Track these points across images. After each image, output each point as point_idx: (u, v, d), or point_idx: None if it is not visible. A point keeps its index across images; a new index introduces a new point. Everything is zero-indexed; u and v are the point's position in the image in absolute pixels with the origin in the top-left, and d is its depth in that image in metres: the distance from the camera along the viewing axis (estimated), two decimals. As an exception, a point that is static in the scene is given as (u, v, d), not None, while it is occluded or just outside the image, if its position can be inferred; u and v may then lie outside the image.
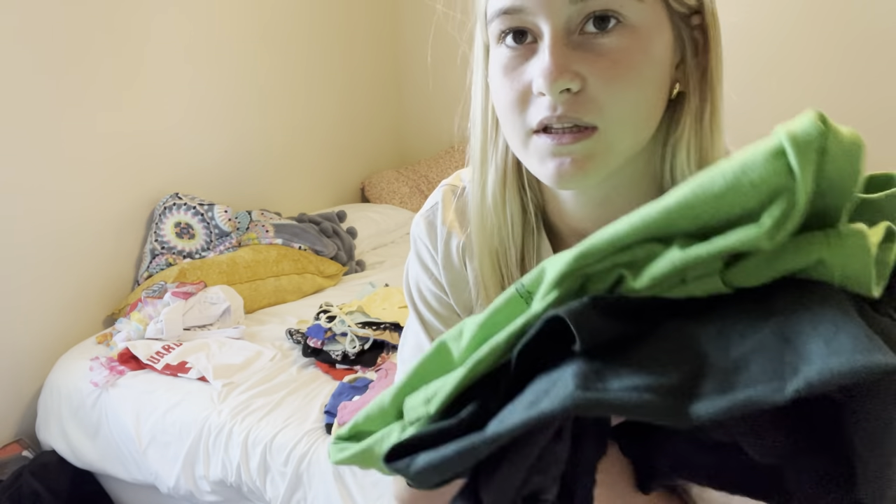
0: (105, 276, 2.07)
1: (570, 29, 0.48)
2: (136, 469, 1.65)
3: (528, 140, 0.51)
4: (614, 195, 0.57)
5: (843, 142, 0.30)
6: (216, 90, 2.41)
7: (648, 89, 0.50)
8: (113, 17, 2.00)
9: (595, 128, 0.49)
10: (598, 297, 0.34)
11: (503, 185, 0.60)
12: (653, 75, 0.50)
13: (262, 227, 2.36)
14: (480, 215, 0.62)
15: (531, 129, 0.50)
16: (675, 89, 0.54)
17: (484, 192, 0.61)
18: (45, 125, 1.85)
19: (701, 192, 0.31)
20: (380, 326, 1.80)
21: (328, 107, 3.03)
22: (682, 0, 0.51)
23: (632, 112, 0.49)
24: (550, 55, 0.47)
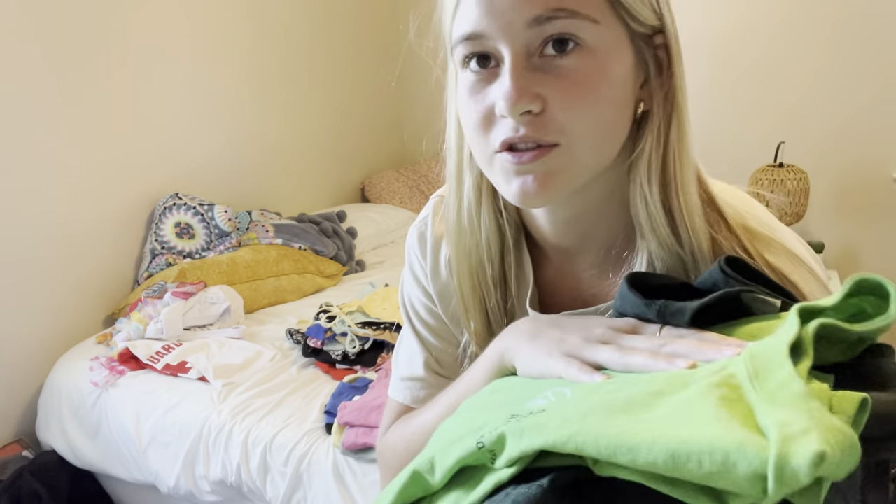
0: (105, 276, 2.07)
1: (530, 52, 0.49)
2: (136, 469, 1.65)
3: (493, 159, 0.52)
4: (583, 213, 0.58)
5: (837, 466, 0.30)
6: (216, 90, 2.41)
7: (608, 109, 0.51)
8: (113, 17, 2.00)
9: (557, 144, 0.50)
10: (556, 479, 0.37)
11: (478, 206, 0.62)
12: (612, 95, 0.51)
13: (262, 227, 2.36)
14: (457, 234, 0.63)
15: (495, 149, 0.51)
16: (640, 108, 0.55)
17: (460, 212, 0.62)
18: (45, 125, 1.85)
19: (675, 461, 0.32)
20: (380, 326, 1.80)
21: (328, 107, 3.03)
22: (642, 21, 0.51)
23: (592, 130, 0.50)
24: (511, 79, 0.49)
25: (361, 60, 3.24)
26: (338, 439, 1.39)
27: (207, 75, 2.37)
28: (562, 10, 0.47)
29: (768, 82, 2.58)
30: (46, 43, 1.82)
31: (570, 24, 0.48)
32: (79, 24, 1.90)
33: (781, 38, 2.53)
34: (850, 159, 2.48)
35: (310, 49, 2.87)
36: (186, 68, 2.28)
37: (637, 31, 0.51)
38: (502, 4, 0.48)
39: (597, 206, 0.58)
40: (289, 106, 2.79)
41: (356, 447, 1.35)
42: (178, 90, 2.26)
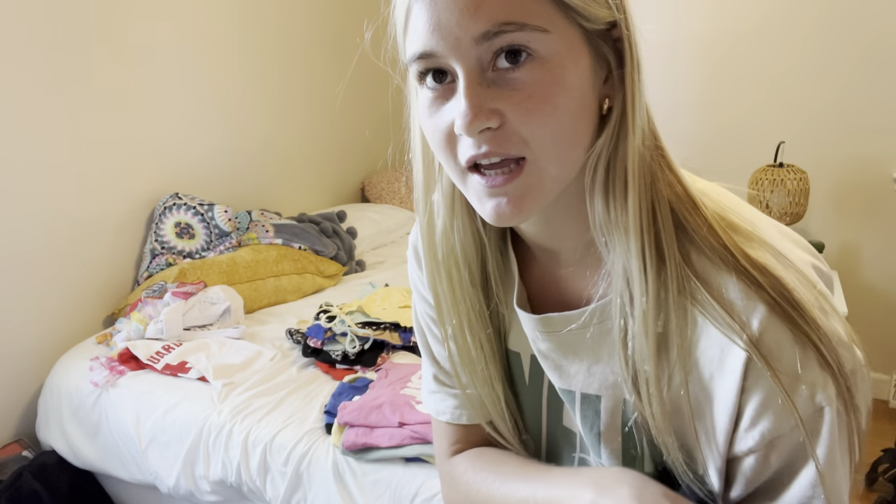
0: (105, 276, 2.07)
1: (483, 67, 0.49)
2: (136, 469, 1.65)
3: (465, 177, 0.53)
4: (556, 215, 0.58)
5: None
6: (216, 90, 2.42)
7: (566, 117, 0.50)
8: (113, 17, 2.00)
9: (523, 158, 0.50)
10: None
11: (451, 212, 0.62)
12: (569, 104, 0.50)
13: (262, 227, 2.36)
14: (428, 240, 0.64)
15: (462, 167, 0.52)
16: (605, 105, 0.54)
17: (431, 222, 0.63)
18: (45, 125, 1.85)
19: None
20: (380, 326, 1.80)
21: (329, 107, 3.04)
22: (595, 18, 0.50)
23: (554, 140, 0.50)
24: (465, 97, 0.48)
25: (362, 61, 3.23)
26: (338, 439, 1.39)
27: (207, 75, 2.37)
28: (509, 24, 0.46)
29: (768, 82, 2.58)
30: (45, 42, 1.82)
31: (519, 36, 0.47)
32: (78, 23, 1.90)
33: (781, 39, 2.53)
34: (850, 159, 2.48)
35: (310, 49, 2.87)
36: (186, 68, 2.28)
37: (592, 29, 0.50)
38: (449, 22, 0.47)
39: (568, 206, 0.57)
40: (289, 106, 2.79)
41: (356, 447, 1.35)
42: (179, 90, 2.26)
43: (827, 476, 0.51)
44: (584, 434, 0.63)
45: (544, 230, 0.60)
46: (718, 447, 0.54)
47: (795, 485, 0.52)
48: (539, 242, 0.62)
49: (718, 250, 0.52)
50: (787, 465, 0.53)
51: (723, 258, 0.52)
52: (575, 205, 0.57)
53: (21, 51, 1.77)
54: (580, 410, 0.62)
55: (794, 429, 0.51)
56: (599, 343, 0.58)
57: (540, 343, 0.62)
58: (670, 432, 0.55)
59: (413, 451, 1.32)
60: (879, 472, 2.16)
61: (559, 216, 0.58)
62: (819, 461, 0.51)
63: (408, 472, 1.32)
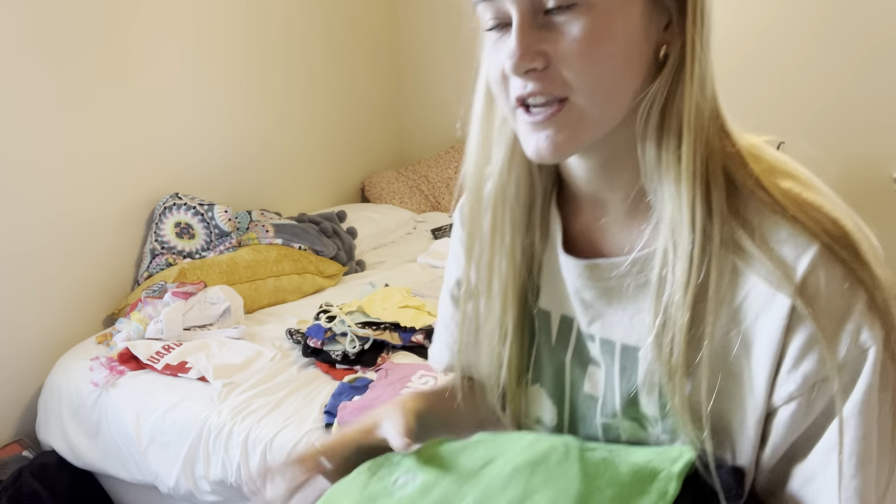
0: (105, 276, 2.07)
1: (536, 10, 0.51)
2: (136, 469, 1.65)
3: (514, 114, 0.56)
4: (610, 160, 0.59)
5: None
6: (217, 90, 2.42)
7: (612, 63, 0.52)
8: (113, 16, 2.00)
9: (566, 99, 0.52)
10: None
11: (511, 154, 0.63)
12: (616, 50, 0.51)
13: (262, 228, 2.36)
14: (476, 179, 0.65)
15: (513, 105, 0.55)
16: (662, 52, 0.54)
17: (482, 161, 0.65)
18: (45, 125, 1.85)
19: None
20: (380, 326, 1.80)
21: (328, 107, 3.04)
22: None
23: (597, 84, 0.52)
24: (515, 39, 0.51)
25: (362, 61, 3.24)
26: (338, 439, 1.39)
27: (208, 75, 2.37)
28: None
29: (768, 82, 2.58)
30: (45, 42, 1.82)
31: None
32: (78, 22, 1.90)
33: (782, 39, 2.53)
34: (851, 159, 2.48)
35: (310, 49, 2.87)
36: (187, 68, 2.28)
37: None
38: None
39: (619, 153, 0.58)
40: (289, 106, 2.79)
41: (356, 447, 1.35)
42: (179, 90, 2.26)
43: (865, 418, 0.50)
44: (618, 391, 0.62)
45: (595, 177, 0.61)
46: (758, 397, 0.54)
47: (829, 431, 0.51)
48: (588, 191, 0.63)
49: (769, 198, 0.53)
50: (826, 414, 0.51)
51: (773, 204, 0.53)
52: (626, 152, 0.57)
53: (22, 51, 1.77)
54: (619, 362, 0.62)
55: (837, 371, 0.50)
56: (643, 293, 0.59)
57: (584, 291, 0.63)
58: (684, 386, 0.55)
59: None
60: (879, 472, 2.15)
61: (610, 164, 0.59)
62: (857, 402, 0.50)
63: (408, 472, 1.32)
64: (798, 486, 0.54)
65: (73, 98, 1.91)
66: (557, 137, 0.53)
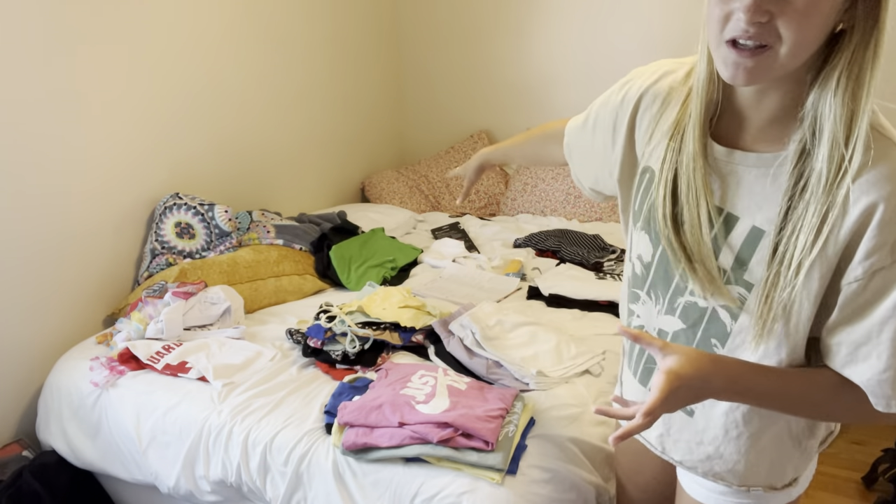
0: (105, 276, 2.07)
1: None
2: (136, 469, 1.65)
3: (720, 47, 0.75)
4: (770, 90, 0.80)
5: None
6: (217, 90, 2.42)
7: (814, 30, 0.71)
8: (113, 15, 2.00)
9: (768, 46, 0.72)
10: None
11: (709, 61, 0.84)
12: (822, 21, 0.71)
13: (263, 228, 2.37)
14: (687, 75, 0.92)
15: (723, 41, 0.74)
16: (838, 27, 0.73)
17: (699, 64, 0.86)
18: (44, 125, 1.85)
19: None
20: (380, 326, 1.80)
21: (328, 107, 3.04)
22: None
23: (797, 42, 0.71)
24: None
25: (362, 61, 3.24)
26: (338, 439, 1.39)
27: (208, 75, 2.37)
28: None
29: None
30: (45, 41, 1.83)
31: None
32: (78, 22, 1.90)
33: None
34: None
35: (311, 49, 2.87)
36: (187, 68, 2.28)
37: None
38: None
39: (781, 88, 0.79)
40: (289, 106, 2.79)
41: (356, 447, 1.35)
42: (179, 90, 2.26)
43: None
44: (734, 264, 0.84)
45: (751, 99, 0.82)
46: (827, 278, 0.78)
47: (882, 305, 0.75)
48: (739, 106, 0.84)
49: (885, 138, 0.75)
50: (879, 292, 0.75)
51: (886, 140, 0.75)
52: (784, 88, 0.79)
53: (23, 51, 1.77)
54: (745, 240, 0.83)
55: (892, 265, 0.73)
56: (774, 186, 0.80)
57: (729, 169, 0.84)
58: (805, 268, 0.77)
59: (413, 451, 1.32)
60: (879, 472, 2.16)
61: (767, 93, 0.80)
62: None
63: (408, 472, 1.32)
64: (847, 351, 0.79)
65: (72, 98, 1.91)
66: (752, 71, 0.73)
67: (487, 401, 1.43)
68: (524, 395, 1.53)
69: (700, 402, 0.85)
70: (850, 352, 0.79)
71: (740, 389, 0.82)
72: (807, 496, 2.16)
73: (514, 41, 3.24)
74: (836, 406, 0.83)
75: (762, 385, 0.82)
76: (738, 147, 0.84)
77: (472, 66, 3.38)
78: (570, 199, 3.02)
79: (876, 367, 0.77)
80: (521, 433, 1.38)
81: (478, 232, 2.82)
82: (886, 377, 0.76)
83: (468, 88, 3.42)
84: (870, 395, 0.79)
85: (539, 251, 2.55)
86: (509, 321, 1.81)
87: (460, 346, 1.70)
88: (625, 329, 0.84)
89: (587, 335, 1.85)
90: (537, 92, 3.26)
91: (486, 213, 3.23)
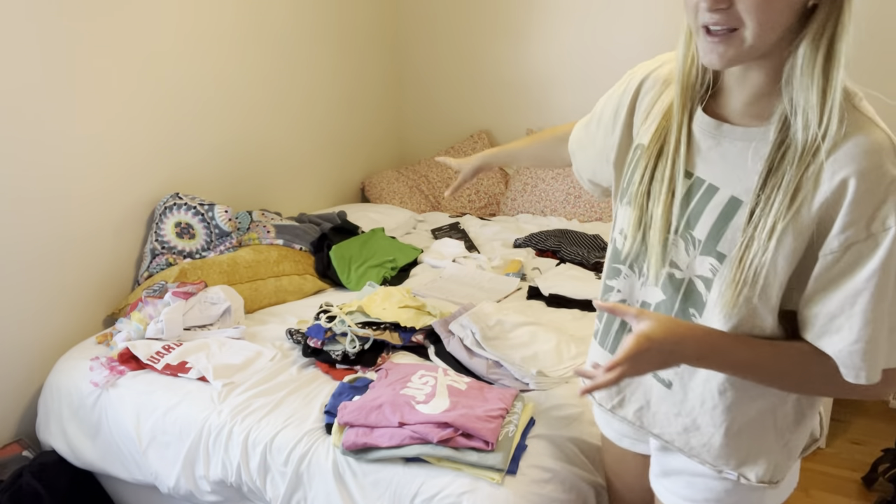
0: (105, 276, 2.07)
1: None
2: (136, 469, 1.65)
3: (698, 33, 0.81)
4: (754, 68, 0.84)
5: None
6: (217, 90, 2.42)
7: (777, 10, 0.75)
8: (114, 14, 2.00)
9: (736, 29, 0.77)
10: None
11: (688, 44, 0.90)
12: (783, 4, 0.75)
13: (263, 228, 2.37)
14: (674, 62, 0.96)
15: (698, 26, 0.80)
16: (810, 3, 0.76)
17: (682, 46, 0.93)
18: (44, 125, 1.85)
19: None
20: (380, 326, 1.80)
21: (329, 107, 3.04)
22: None
23: (760, 24, 0.76)
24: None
25: (362, 61, 3.24)
26: (338, 439, 1.39)
27: (208, 75, 2.37)
28: None
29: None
30: (46, 41, 1.82)
31: None
32: (78, 22, 1.90)
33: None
34: None
35: (311, 49, 2.87)
36: (187, 68, 2.28)
37: None
38: None
39: (761, 67, 0.83)
40: (289, 105, 2.79)
41: (356, 447, 1.35)
42: (179, 90, 2.26)
43: (880, 277, 0.76)
44: (709, 234, 0.87)
45: (733, 78, 0.86)
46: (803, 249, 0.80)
47: (856, 278, 0.77)
48: (729, 82, 0.88)
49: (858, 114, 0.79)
50: (852, 266, 0.77)
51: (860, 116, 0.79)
52: (764, 67, 0.83)
53: (23, 50, 1.77)
54: (722, 209, 0.86)
55: (866, 240, 0.76)
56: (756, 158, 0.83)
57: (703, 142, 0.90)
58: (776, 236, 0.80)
59: (413, 451, 1.32)
60: (879, 472, 2.16)
61: (749, 71, 0.84)
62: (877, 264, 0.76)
63: (408, 472, 1.32)
64: (822, 322, 0.81)
65: (72, 98, 1.91)
66: (725, 54, 0.79)
67: (487, 401, 1.43)
68: (524, 395, 1.53)
69: (671, 366, 0.87)
70: (824, 323, 0.81)
71: (713, 356, 0.85)
72: (807, 496, 2.16)
73: (514, 42, 3.24)
74: (810, 377, 0.85)
75: (736, 353, 0.85)
76: (728, 121, 0.88)
77: (471, 66, 3.38)
78: (570, 199, 3.02)
79: (847, 338, 0.79)
80: (521, 433, 1.38)
81: (478, 232, 2.82)
82: (857, 348, 0.79)
83: (468, 89, 3.42)
84: (840, 367, 0.81)
85: (539, 251, 2.55)
86: (509, 321, 1.81)
87: (460, 346, 1.70)
88: (600, 303, 0.88)
89: (587, 335, 1.85)
90: (536, 92, 3.26)
91: (486, 213, 3.23)
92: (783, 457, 0.95)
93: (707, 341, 0.85)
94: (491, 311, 1.85)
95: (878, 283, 0.76)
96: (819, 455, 2.36)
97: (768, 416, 0.92)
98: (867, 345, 0.78)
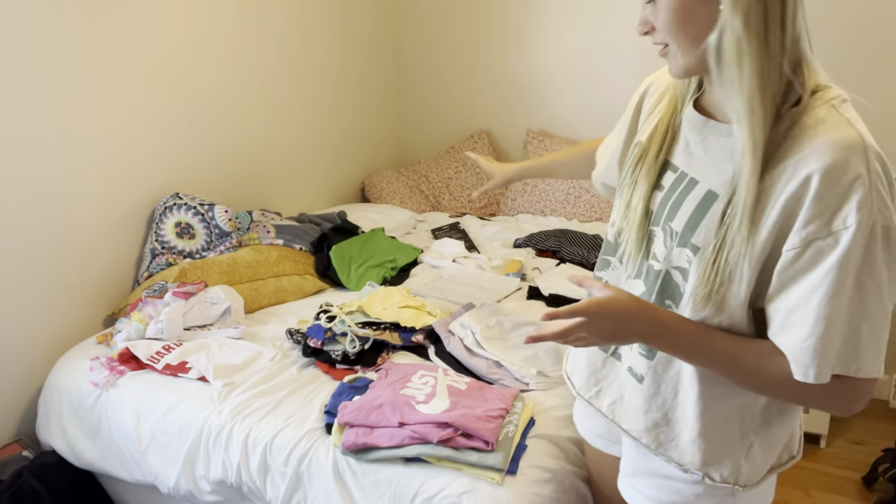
0: (105, 276, 2.07)
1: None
2: (136, 469, 1.65)
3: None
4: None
5: None
6: (217, 90, 2.42)
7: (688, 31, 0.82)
8: (114, 13, 2.00)
9: (668, 45, 0.86)
10: None
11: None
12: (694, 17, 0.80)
13: (263, 228, 2.37)
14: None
15: None
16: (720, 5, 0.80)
17: None
18: (45, 125, 1.85)
19: None
20: (380, 326, 1.80)
21: (329, 107, 3.04)
22: None
23: (680, 42, 0.84)
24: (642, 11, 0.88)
25: (362, 61, 3.24)
26: (338, 439, 1.39)
27: (207, 75, 2.37)
28: None
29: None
30: (46, 42, 1.82)
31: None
32: (78, 23, 1.90)
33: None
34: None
35: (311, 49, 2.87)
36: (187, 68, 2.28)
37: None
38: None
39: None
40: (289, 106, 2.79)
41: (356, 447, 1.35)
42: (179, 90, 2.26)
43: (838, 273, 0.75)
44: (686, 226, 0.89)
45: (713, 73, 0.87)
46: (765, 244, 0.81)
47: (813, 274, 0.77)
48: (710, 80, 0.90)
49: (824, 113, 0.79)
50: (812, 261, 0.77)
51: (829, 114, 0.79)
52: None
53: (24, 50, 1.77)
54: (699, 202, 0.89)
55: (826, 235, 0.75)
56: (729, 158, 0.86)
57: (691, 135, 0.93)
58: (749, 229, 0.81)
59: (413, 451, 1.32)
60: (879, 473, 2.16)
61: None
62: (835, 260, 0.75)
63: (408, 472, 1.32)
64: (781, 318, 0.81)
65: (72, 98, 1.91)
66: (671, 66, 0.88)
67: (487, 401, 1.43)
68: (524, 395, 1.53)
69: (623, 341, 0.87)
70: (782, 319, 0.81)
71: (668, 337, 0.86)
72: (807, 496, 2.17)
73: (514, 43, 3.24)
74: (769, 375, 0.83)
75: (694, 339, 0.86)
76: (714, 118, 0.90)
77: (471, 67, 3.38)
78: (570, 199, 3.02)
79: (800, 333, 0.78)
80: (521, 433, 1.38)
81: (478, 232, 2.82)
82: (808, 345, 0.78)
83: (468, 89, 3.42)
84: (791, 363, 0.80)
85: (539, 251, 2.55)
86: (509, 321, 1.81)
87: (460, 346, 1.70)
88: (573, 275, 0.92)
89: (587, 335, 1.85)
90: (536, 93, 3.26)
91: (486, 213, 3.23)
92: (747, 461, 0.94)
93: (665, 322, 0.86)
94: (491, 311, 1.85)
95: (834, 279, 0.75)
96: (819, 455, 2.36)
97: (736, 415, 0.92)
98: (818, 341, 0.77)
